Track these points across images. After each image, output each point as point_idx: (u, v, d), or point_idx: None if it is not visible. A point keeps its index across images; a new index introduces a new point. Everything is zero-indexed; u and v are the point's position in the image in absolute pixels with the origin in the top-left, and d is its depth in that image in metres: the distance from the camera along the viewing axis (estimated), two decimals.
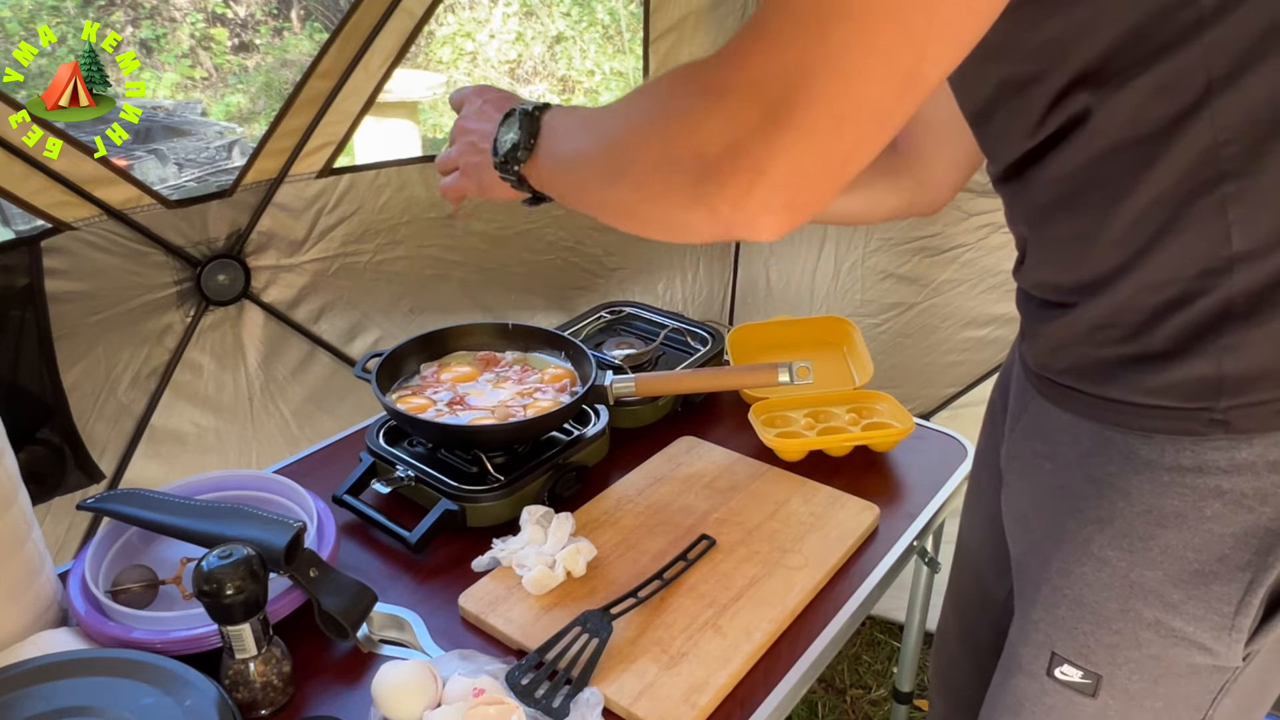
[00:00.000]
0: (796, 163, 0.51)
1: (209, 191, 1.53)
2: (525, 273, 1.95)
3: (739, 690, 0.87)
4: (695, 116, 0.54)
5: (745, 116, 0.51)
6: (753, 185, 0.52)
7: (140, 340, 1.54)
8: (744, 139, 0.51)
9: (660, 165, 0.57)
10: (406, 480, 1.08)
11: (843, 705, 1.95)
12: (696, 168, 0.54)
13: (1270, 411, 0.63)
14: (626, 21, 5.28)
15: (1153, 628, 0.71)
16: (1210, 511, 0.66)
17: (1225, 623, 0.68)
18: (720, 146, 0.52)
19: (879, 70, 0.50)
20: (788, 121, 0.50)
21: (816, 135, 0.50)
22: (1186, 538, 0.68)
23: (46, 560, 0.94)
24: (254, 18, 5.12)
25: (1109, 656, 0.74)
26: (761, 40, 0.51)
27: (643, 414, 1.28)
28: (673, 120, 0.56)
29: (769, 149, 0.51)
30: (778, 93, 0.50)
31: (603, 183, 0.65)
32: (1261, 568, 0.66)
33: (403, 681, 0.79)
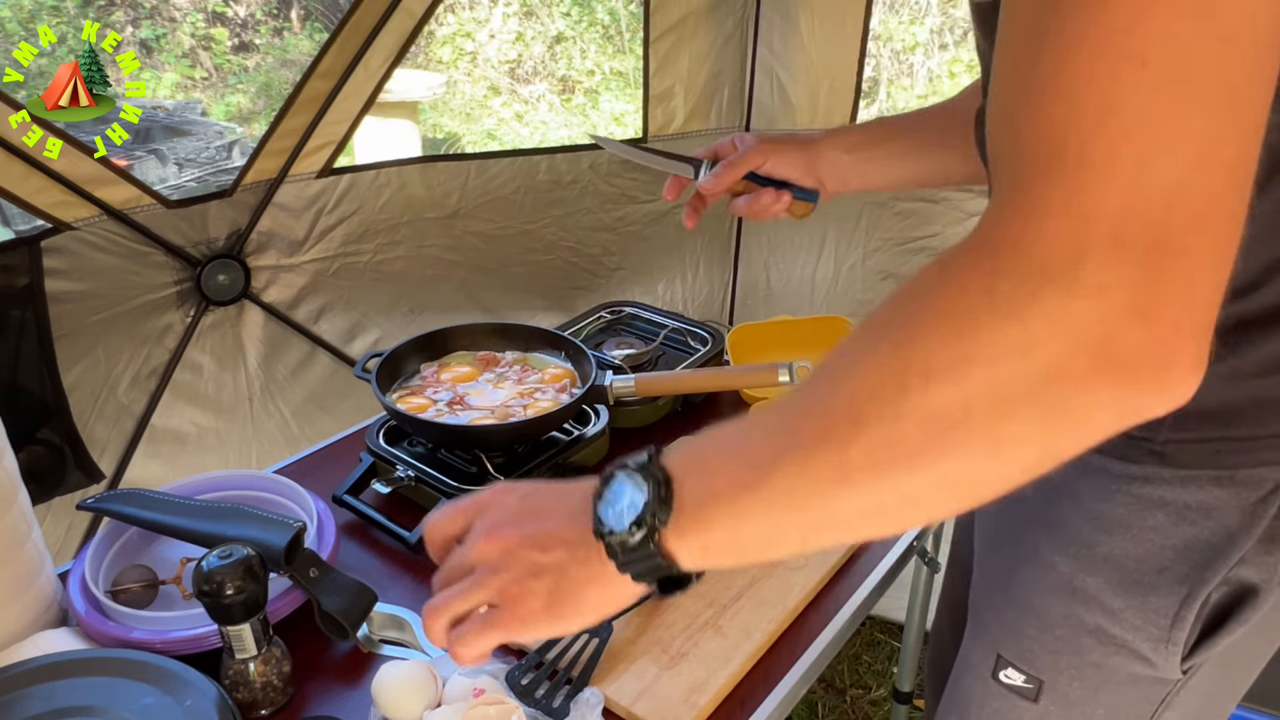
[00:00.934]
0: (1194, 294, 0.38)
1: (209, 191, 1.53)
2: (525, 273, 1.95)
3: (739, 690, 0.87)
4: (1033, 306, 0.39)
5: (1117, 285, 0.38)
6: (1174, 350, 0.39)
7: (140, 340, 1.54)
8: (1132, 308, 0.38)
9: (1008, 397, 0.40)
10: (406, 480, 1.08)
11: (843, 705, 1.95)
12: (1083, 369, 0.39)
13: (1209, 450, 0.63)
14: (626, 21, 5.28)
15: (1094, 634, 0.70)
16: (1153, 522, 0.66)
17: (1162, 635, 0.68)
18: (1094, 332, 0.38)
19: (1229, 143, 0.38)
20: (1171, 261, 0.38)
21: (1200, 254, 0.38)
22: (1129, 546, 0.67)
23: (46, 560, 0.94)
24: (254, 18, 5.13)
25: (1051, 662, 0.74)
26: (1063, 179, 0.38)
27: (643, 414, 1.28)
28: (985, 332, 0.40)
29: (1167, 302, 0.38)
30: (1146, 235, 0.37)
31: (879, 475, 0.43)
32: (1198, 582, 0.65)
33: (403, 681, 0.79)
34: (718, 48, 1.91)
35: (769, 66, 1.95)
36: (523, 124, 5.26)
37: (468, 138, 5.23)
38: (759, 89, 1.98)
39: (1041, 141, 0.39)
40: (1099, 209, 0.38)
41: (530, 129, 5.23)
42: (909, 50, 4.45)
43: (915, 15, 4.47)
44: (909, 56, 4.46)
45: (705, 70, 1.91)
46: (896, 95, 4.49)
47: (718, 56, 1.92)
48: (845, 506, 0.45)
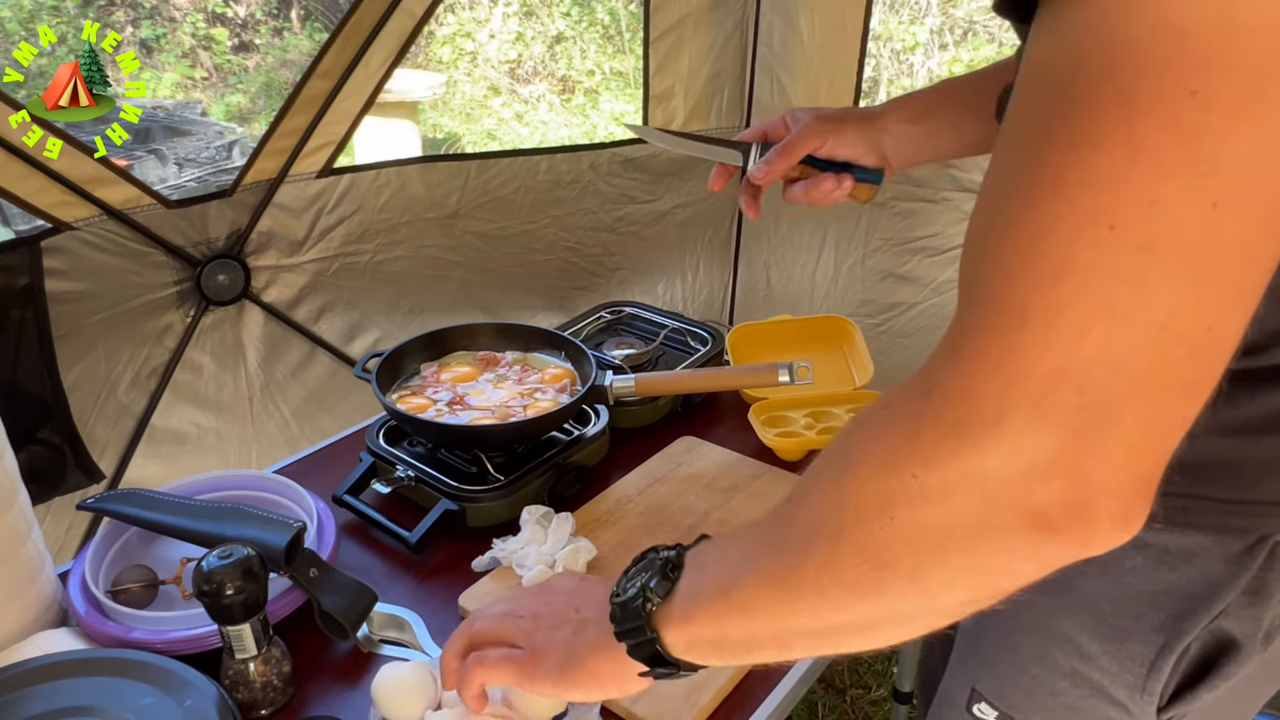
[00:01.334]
0: (1127, 460, 0.38)
1: (209, 191, 1.53)
2: (525, 273, 1.95)
3: (739, 690, 0.87)
4: (959, 455, 0.39)
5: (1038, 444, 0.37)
6: (1096, 511, 0.38)
7: (140, 340, 1.54)
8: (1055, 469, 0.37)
9: (934, 541, 0.41)
10: (406, 480, 1.08)
11: (843, 705, 1.95)
12: (1001, 523, 0.39)
13: (1177, 506, 0.60)
14: (626, 21, 5.28)
15: (1069, 677, 0.68)
16: (1131, 564, 0.63)
17: (1138, 683, 0.65)
18: (1027, 483, 0.38)
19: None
20: (1102, 428, 0.37)
21: (1139, 424, 0.37)
22: (1105, 589, 0.65)
23: (46, 560, 0.94)
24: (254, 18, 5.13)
25: (1024, 701, 0.71)
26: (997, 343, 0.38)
27: (643, 414, 1.28)
28: (922, 471, 0.40)
29: (1091, 466, 0.37)
30: (1076, 400, 0.36)
31: (833, 601, 0.45)
32: (1176, 633, 0.62)
33: (402, 682, 0.79)
34: (718, 48, 1.91)
35: (769, 66, 1.95)
36: (523, 124, 5.27)
37: (468, 138, 5.23)
38: (759, 89, 1.98)
39: (993, 288, 0.38)
40: (1031, 370, 0.37)
41: (530, 129, 5.23)
42: (909, 50, 4.45)
43: (915, 15, 4.47)
44: (909, 56, 4.46)
45: (705, 70, 1.91)
46: (896, 95, 4.49)
47: (718, 56, 1.92)
48: (806, 623, 0.48)
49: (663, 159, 1.98)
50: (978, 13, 4.41)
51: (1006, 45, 4.35)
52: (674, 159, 1.99)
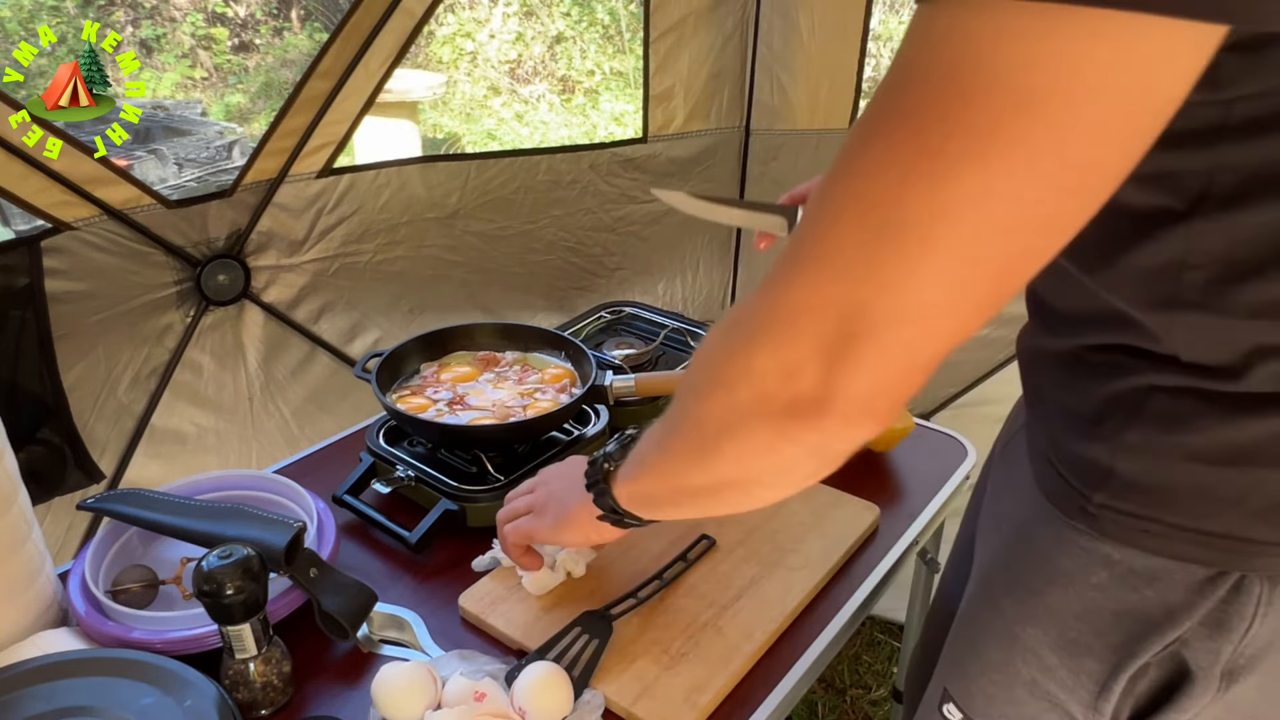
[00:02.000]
0: (875, 378, 0.47)
1: (209, 191, 1.53)
2: (525, 273, 1.95)
3: (739, 690, 0.87)
4: (743, 356, 0.50)
5: (798, 349, 0.47)
6: (830, 411, 0.48)
7: (140, 340, 1.54)
8: (802, 369, 0.47)
9: (730, 421, 0.53)
10: (406, 480, 1.08)
11: (843, 705, 1.95)
12: (763, 410, 0.50)
13: (1137, 528, 0.60)
14: (626, 21, 5.28)
15: (1028, 687, 0.68)
16: (1096, 579, 0.62)
17: (1090, 700, 0.64)
18: (778, 382, 0.49)
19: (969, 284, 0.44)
20: (850, 350, 0.46)
21: (891, 355, 0.46)
22: (1070, 602, 0.64)
23: (46, 560, 0.94)
24: (254, 18, 5.13)
25: (986, 706, 0.71)
26: (807, 269, 0.47)
27: (643, 414, 1.28)
28: (723, 367, 0.52)
29: (838, 376, 0.47)
30: (833, 326, 0.46)
31: (690, 465, 0.61)
32: (1128, 654, 0.61)
33: (402, 683, 0.79)
34: (718, 48, 1.91)
35: (769, 66, 1.95)
36: (523, 124, 5.27)
37: (468, 138, 5.23)
38: (759, 89, 1.98)
39: (803, 228, 0.47)
40: (800, 298, 0.47)
41: (530, 129, 5.23)
42: None
43: None
44: None
45: (705, 70, 1.91)
46: None
47: (718, 56, 1.92)
48: (681, 483, 0.64)
49: (663, 159, 1.98)
50: None
51: None
52: (674, 159, 1.99)
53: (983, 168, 0.40)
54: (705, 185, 2.06)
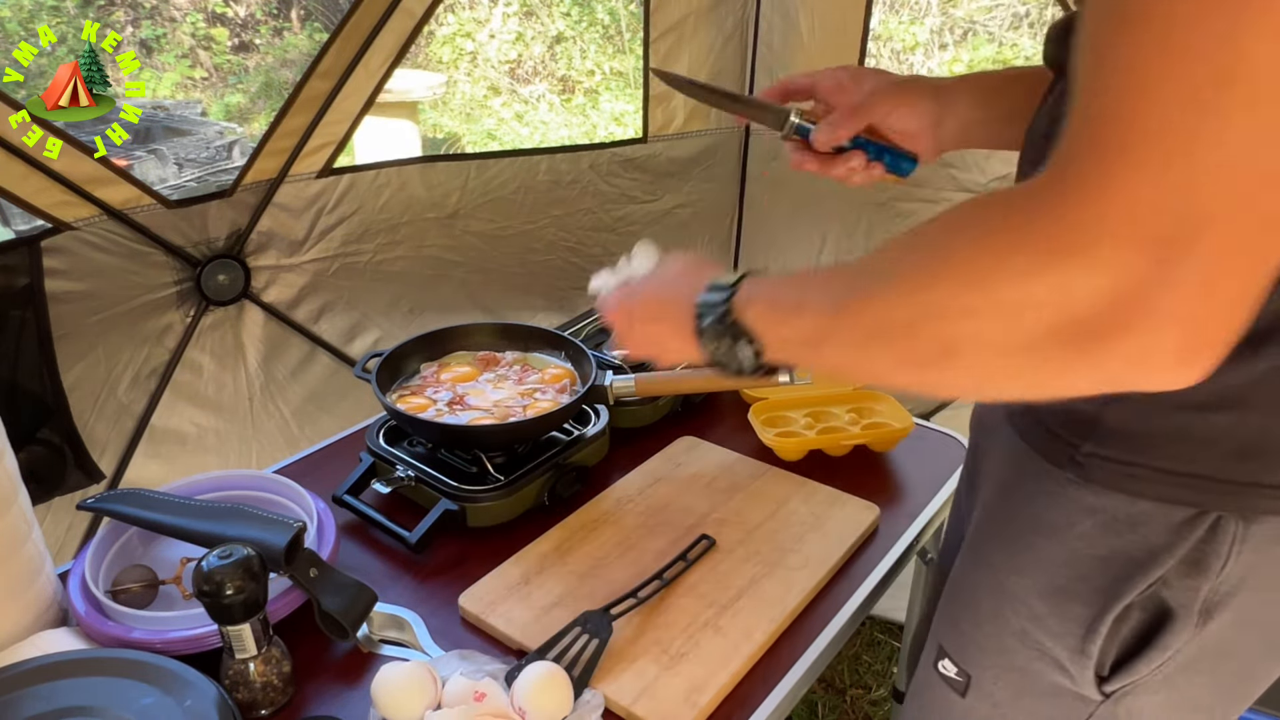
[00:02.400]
0: (1201, 291, 0.40)
1: (209, 191, 1.53)
2: (525, 273, 1.95)
3: (739, 690, 0.87)
4: (1045, 275, 0.42)
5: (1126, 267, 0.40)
6: (1162, 338, 0.41)
7: (140, 340, 1.54)
8: (1130, 292, 0.40)
9: (1006, 346, 0.45)
10: (406, 480, 1.08)
11: (843, 705, 1.95)
12: (1071, 335, 0.42)
13: (1122, 473, 0.63)
14: (626, 21, 5.28)
15: (1018, 636, 0.70)
16: (1081, 529, 0.65)
17: (1077, 645, 0.66)
18: (1093, 307, 0.41)
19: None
20: (1181, 256, 0.39)
21: (1216, 255, 0.39)
22: (1056, 551, 0.67)
23: (46, 560, 0.94)
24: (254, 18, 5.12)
25: (979, 658, 0.73)
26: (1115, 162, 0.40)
27: (643, 414, 1.28)
28: (1005, 288, 0.44)
29: (1164, 294, 0.40)
30: (1160, 229, 0.39)
31: (902, 366, 0.52)
32: (1113, 595, 0.64)
33: (402, 683, 0.79)
34: (718, 48, 1.91)
35: (769, 66, 1.95)
36: (523, 124, 5.26)
37: (468, 138, 5.23)
38: (759, 89, 1.98)
39: (1092, 121, 0.41)
40: (1122, 198, 0.39)
41: (530, 129, 5.22)
42: (909, 50, 4.45)
43: (915, 15, 4.47)
44: (909, 56, 4.46)
45: (705, 70, 1.91)
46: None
47: (718, 56, 1.92)
48: (875, 368, 0.55)
49: (663, 159, 1.98)
50: (978, 13, 4.41)
51: (1006, 45, 4.35)
52: (674, 159, 1.99)
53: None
54: (706, 185, 2.06)
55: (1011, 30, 4.40)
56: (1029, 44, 4.33)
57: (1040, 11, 4.29)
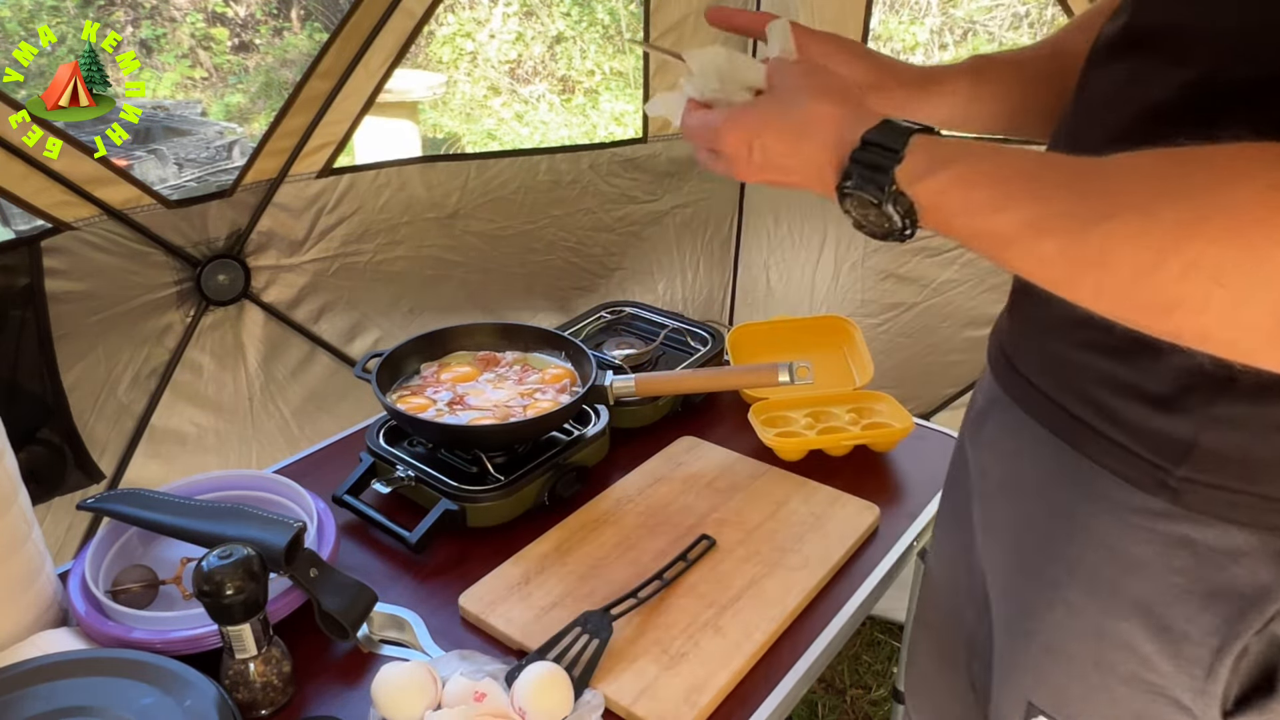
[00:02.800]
0: None
1: (209, 191, 1.53)
2: (525, 273, 1.95)
3: (739, 690, 0.87)
4: None
5: None
6: None
7: (140, 340, 1.54)
8: None
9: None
10: (406, 480, 1.08)
11: (843, 705, 1.95)
12: None
13: (1224, 500, 0.58)
14: (626, 21, 5.28)
15: (1129, 683, 0.64)
16: (1178, 563, 0.60)
17: (1198, 685, 0.61)
18: None
19: None
20: None
21: None
22: (1153, 590, 0.61)
23: (46, 560, 0.94)
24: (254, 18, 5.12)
25: (1084, 708, 0.67)
26: None
27: (643, 414, 1.28)
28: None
29: None
30: None
31: (1140, 308, 0.47)
32: (1230, 635, 0.59)
33: (402, 683, 0.79)
34: None
35: None
36: (523, 124, 5.26)
37: (468, 138, 5.23)
38: None
39: None
40: None
41: (530, 129, 5.22)
42: (909, 50, 4.45)
43: (915, 15, 4.47)
44: (909, 56, 4.46)
45: None
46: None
47: None
48: (1068, 254, 0.49)
49: (663, 159, 1.98)
50: (978, 13, 4.41)
51: (1006, 45, 4.35)
52: (674, 159, 1.99)
53: None
54: (706, 185, 2.06)
55: (1011, 30, 4.40)
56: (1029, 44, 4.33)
57: (1040, 11, 4.29)
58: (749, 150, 0.65)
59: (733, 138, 0.65)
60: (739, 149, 0.65)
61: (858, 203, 0.58)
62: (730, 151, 0.66)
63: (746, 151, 0.65)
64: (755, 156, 0.64)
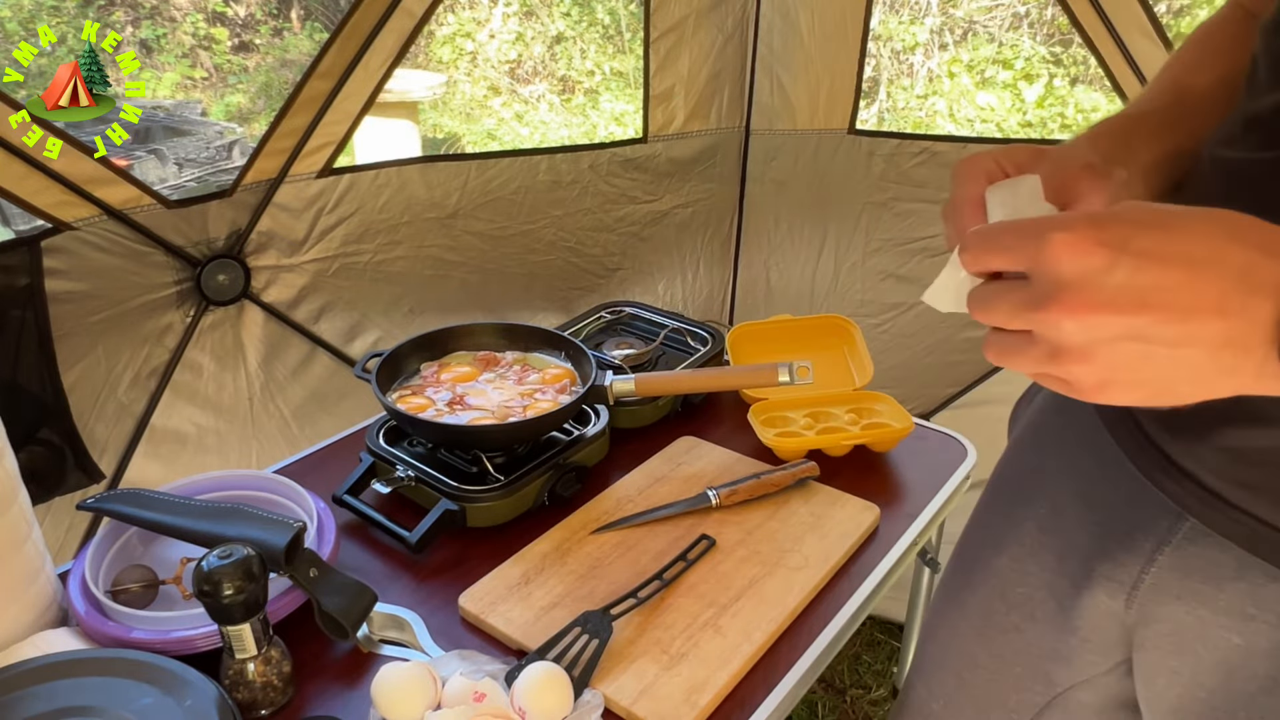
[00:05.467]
0: None
1: (209, 191, 1.53)
2: (525, 273, 1.95)
3: (739, 690, 0.87)
4: None
5: None
6: None
7: (140, 340, 1.54)
8: None
9: None
10: (406, 480, 1.08)
11: (843, 705, 1.95)
12: None
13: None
14: (626, 21, 5.28)
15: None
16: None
17: None
18: None
19: None
20: None
21: None
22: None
23: (46, 560, 0.94)
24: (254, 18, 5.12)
25: None
26: None
27: (643, 414, 1.28)
28: None
29: None
30: None
31: None
32: None
33: (401, 683, 0.79)
34: (718, 48, 1.91)
35: (769, 66, 1.95)
36: (523, 124, 5.26)
37: (468, 138, 5.23)
38: (759, 89, 1.98)
39: None
40: None
41: (530, 129, 5.22)
42: (909, 50, 4.45)
43: (915, 15, 4.47)
44: (909, 56, 4.46)
45: (705, 70, 1.91)
46: (896, 95, 4.49)
47: (718, 56, 1.92)
48: None
49: (663, 159, 1.98)
50: (978, 13, 4.41)
51: (1006, 45, 4.35)
52: (674, 159, 1.99)
53: None
54: (706, 185, 2.06)
55: (1011, 30, 4.40)
56: (1028, 44, 4.33)
57: (1040, 11, 4.29)
58: (1110, 265, 0.39)
59: (1083, 241, 0.39)
60: (1090, 260, 0.39)
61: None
62: (1075, 270, 0.39)
63: (1106, 265, 0.39)
64: (1120, 271, 0.39)
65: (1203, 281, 0.38)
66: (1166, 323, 0.38)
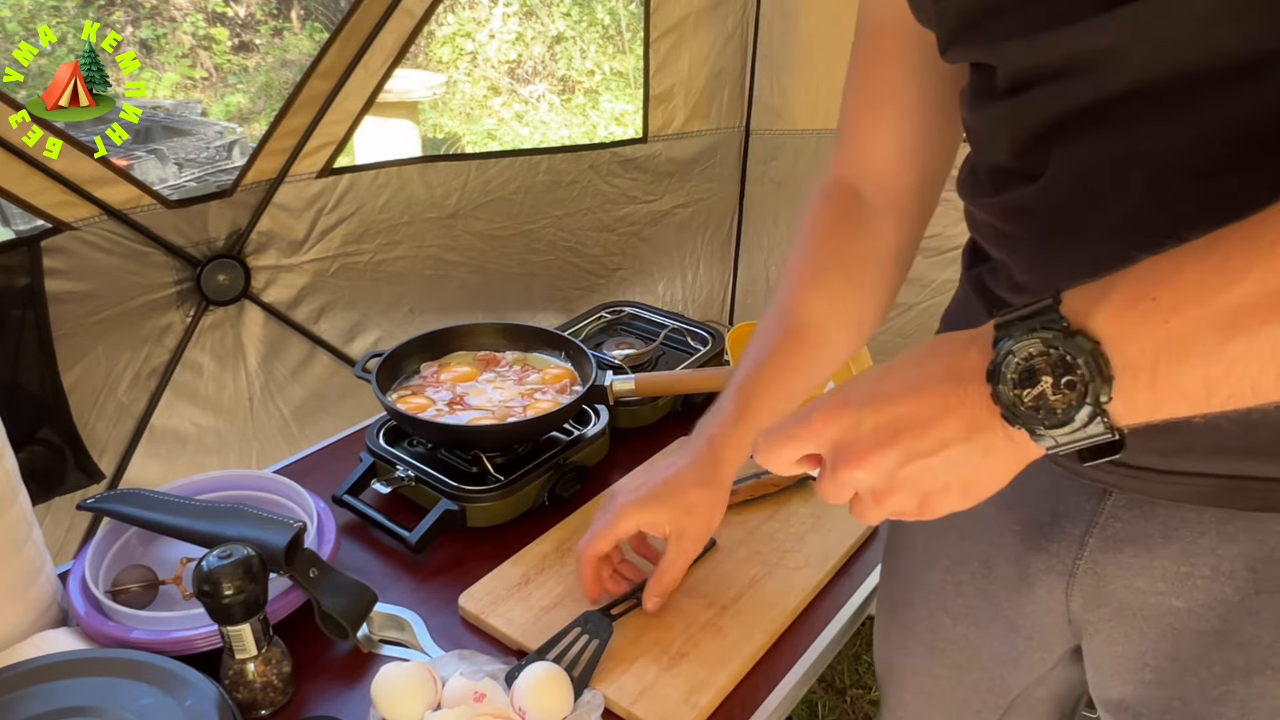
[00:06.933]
0: None
1: (209, 191, 1.53)
2: (525, 273, 1.95)
3: (739, 690, 0.87)
4: None
5: None
6: None
7: (140, 340, 1.54)
8: None
9: None
10: (406, 480, 1.08)
11: (843, 705, 1.95)
12: None
13: None
14: (626, 21, 5.28)
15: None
16: None
17: None
18: None
19: None
20: None
21: None
22: None
23: (46, 560, 0.94)
24: (254, 18, 5.12)
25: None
26: None
27: (643, 414, 1.28)
28: None
29: None
30: None
31: None
32: None
33: (402, 683, 0.79)
34: (718, 48, 1.91)
35: (769, 66, 1.95)
36: (523, 124, 5.26)
37: (468, 138, 5.23)
38: (759, 89, 1.98)
39: None
40: None
41: (530, 129, 5.23)
42: None
43: None
44: None
45: (705, 70, 1.91)
46: None
47: (718, 56, 1.92)
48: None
49: (663, 159, 1.98)
50: None
51: None
52: (674, 159, 1.99)
53: None
54: (706, 185, 2.06)
55: None
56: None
57: None
58: (858, 418, 0.49)
59: (831, 411, 0.50)
60: (841, 420, 0.49)
61: (1024, 374, 0.42)
62: (837, 433, 0.49)
63: (855, 419, 0.49)
64: (866, 421, 0.48)
65: (925, 396, 0.46)
66: (920, 438, 0.46)
